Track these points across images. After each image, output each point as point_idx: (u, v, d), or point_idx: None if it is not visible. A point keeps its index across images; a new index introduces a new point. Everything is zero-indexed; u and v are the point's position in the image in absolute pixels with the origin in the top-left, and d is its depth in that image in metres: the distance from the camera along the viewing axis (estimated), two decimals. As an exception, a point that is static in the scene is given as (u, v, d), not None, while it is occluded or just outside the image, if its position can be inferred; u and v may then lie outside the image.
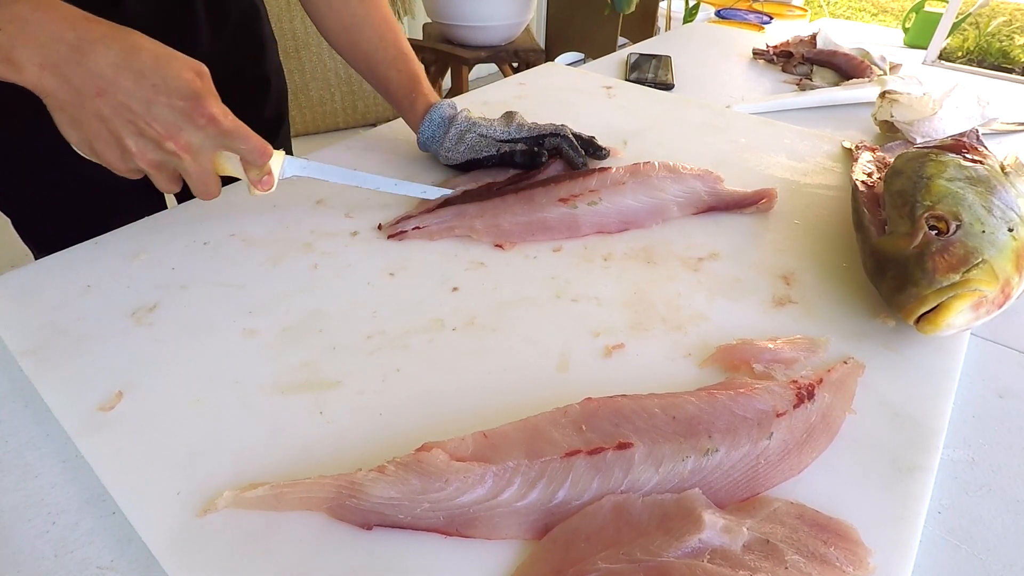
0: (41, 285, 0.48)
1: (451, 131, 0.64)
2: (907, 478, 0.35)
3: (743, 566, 0.29)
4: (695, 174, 0.61)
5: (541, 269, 0.52)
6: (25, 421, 0.39)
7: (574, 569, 0.29)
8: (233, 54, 0.70)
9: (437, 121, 0.64)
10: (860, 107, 0.89)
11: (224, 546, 0.31)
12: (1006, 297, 0.43)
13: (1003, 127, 0.84)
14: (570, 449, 0.33)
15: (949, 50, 2.77)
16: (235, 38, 0.70)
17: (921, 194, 0.49)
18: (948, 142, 0.59)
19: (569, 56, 2.57)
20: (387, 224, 0.56)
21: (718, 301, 0.49)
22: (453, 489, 0.32)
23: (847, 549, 0.31)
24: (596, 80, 0.93)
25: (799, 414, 0.36)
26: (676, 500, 0.32)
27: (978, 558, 0.34)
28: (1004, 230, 0.46)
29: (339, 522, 0.32)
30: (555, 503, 0.32)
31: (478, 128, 0.64)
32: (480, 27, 2.00)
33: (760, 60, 1.11)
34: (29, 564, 0.32)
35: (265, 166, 0.49)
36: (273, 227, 0.56)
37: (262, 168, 0.49)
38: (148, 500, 0.33)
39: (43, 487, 0.35)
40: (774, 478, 0.35)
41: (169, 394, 0.39)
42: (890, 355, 0.44)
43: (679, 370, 0.42)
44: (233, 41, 0.70)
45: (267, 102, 0.78)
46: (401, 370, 0.41)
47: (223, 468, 0.35)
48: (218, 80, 0.73)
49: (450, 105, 0.65)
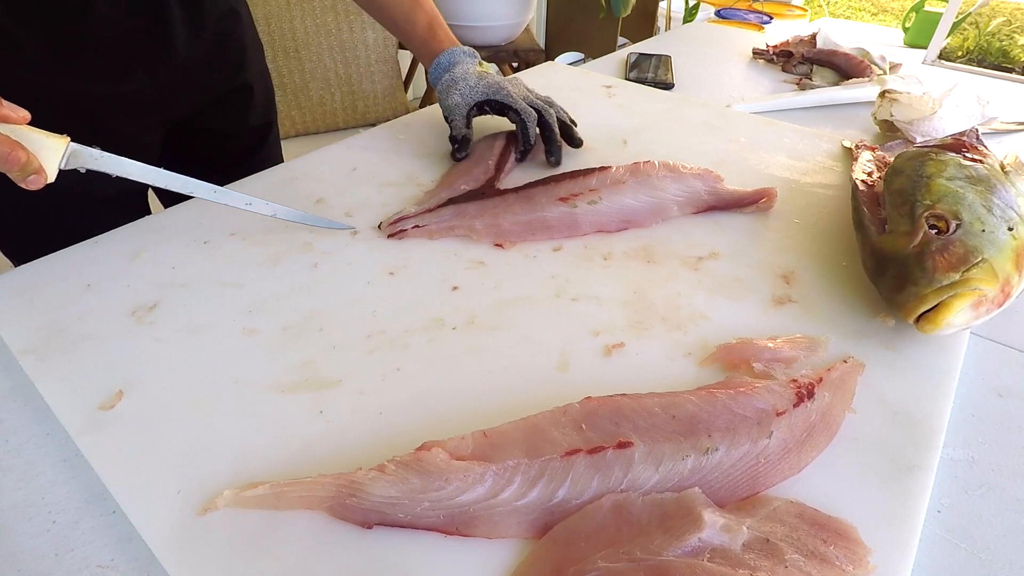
0: (41, 284, 0.48)
1: (444, 77, 0.67)
2: (907, 477, 0.35)
3: (743, 565, 0.29)
4: (695, 173, 0.61)
5: (541, 268, 0.52)
6: (25, 420, 0.39)
7: (574, 568, 0.29)
8: (212, 61, 0.69)
9: (444, 65, 0.68)
10: (860, 107, 0.89)
11: (224, 545, 0.31)
12: (1006, 296, 0.43)
13: (1003, 126, 0.84)
14: (570, 448, 0.33)
15: (949, 50, 2.77)
16: (214, 44, 0.68)
17: (921, 193, 0.49)
18: (948, 141, 0.59)
19: (569, 56, 2.56)
20: (387, 223, 0.56)
21: (718, 300, 0.49)
22: (453, 488, 0.32)
23: (847, 548, 0.31)
24: (596, 80, 0.93)
25: (799, 413, 0.36)
26: (676, 499, 0.32)
27: (977, 557, 0.34)
28: (1004, 229, 0.46)
29: (339, 521, 0.32)
30: (555, 502, 0.32)
31: (469, 80, 0.67)
32: (480, 27, 2.00)
33: (760, 60, 1.11)
34: (29, 563, 0.32)
35: (27, 167, 0.43)
36: (273, 226, 0.56)
37: (16, 171, 0.42)
38: (148, 499, 0.33)
39: (43, 486, 0.35)
40: (774, 477, 0.35)
41: (169, 393, 0.39)
42: (890, 354, 0.44)
43: (679, 369, 0.42)
44: (212, 47, 0.68)
45: (251, 110, 0.77)
46: (401, 369, 0.41)
47: (223, 467, 0.35)
48: (196, 88, 0.71)
49: (464, 52, 0.69)
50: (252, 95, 0.76)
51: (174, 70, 0.65)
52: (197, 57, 0.66)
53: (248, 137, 0.79)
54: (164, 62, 0.64)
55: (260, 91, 0.78)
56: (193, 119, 0.71)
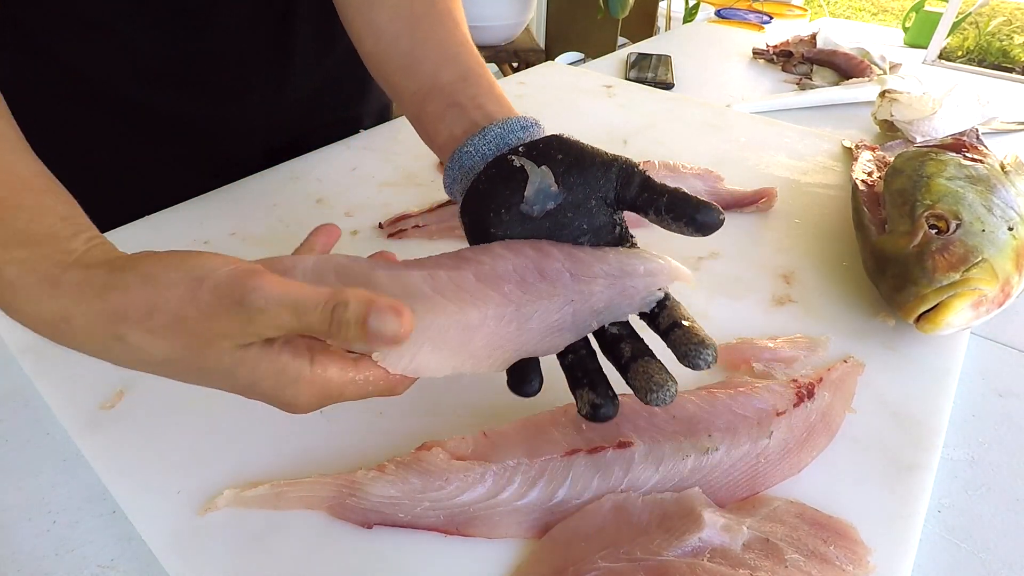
0: (41, 284, 0.48)
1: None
2: (907, 477, 0.35)
3: (743, 565, 0.29)
4: (695, 173, 0.61)
5: (541, 268, 0.52)
6: (26, 420, 0.39)
7: (574, 568, 0.29)
8: (331, 91, 0.64)
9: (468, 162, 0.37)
10: (860, 106, 0.89)
11: (224, 545, 0.31)
12: (1006, 296, 0.43)
13: (1003, 126, 0.84)
14: (570, 448, 0.33)
15: (949, 50, 2.77)
16: (337, 73, 0.63)
17: (921, 193, 0.49)
18: (948, 141, 0.59)
19: (569, 56, 2.56)
20: (387, 223, 0.56)
21: (718, 300, 0.49)
22: (453, 488, 0.32)
23: (847, 548, 0.31)
24: (596, 79, 0.93)
25: (799, 413, 0.36)
26: (676, 499, 0.32)
27: (978, 557, 0.34)
28: (1004, 229, 0.46)
29: (339, 521, 0.32)
30: (555, 502, 0.32)
31: None
32: (480, 27, 2.00)
33: (760, 60, 1.11)
34: (30, 563, 0.32)
35: None
36: (273, 226, 0.56)
37: None
38: (149, 499, 0.33)
39: (44, 486, 0.35)
40: (774, 477, 0.35)
41: (170, 393, 0.39)
42: (890, 354, 0.44)
43: (679, 369, 0.42)
44: (334, 76, 0.63)
45: None
46: (401, 369, 0.41)
47: (223, 467, 0.35)
48: (306, 117, 0.62)
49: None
50: (359, 128, 0.72)
51: (289, 95, 0.62)
52: (317, 84, 0.63)
53: None
54: (281, 85, 0.60)
55: (371, 124, 0.74)
56: (292, 146, 0.67)
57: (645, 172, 0.35)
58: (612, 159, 0.35)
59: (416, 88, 0.42)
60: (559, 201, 0.34)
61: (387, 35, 0.43)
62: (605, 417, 0.31)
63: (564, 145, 0.35)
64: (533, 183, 0.33)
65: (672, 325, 0.32)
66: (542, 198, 0.34)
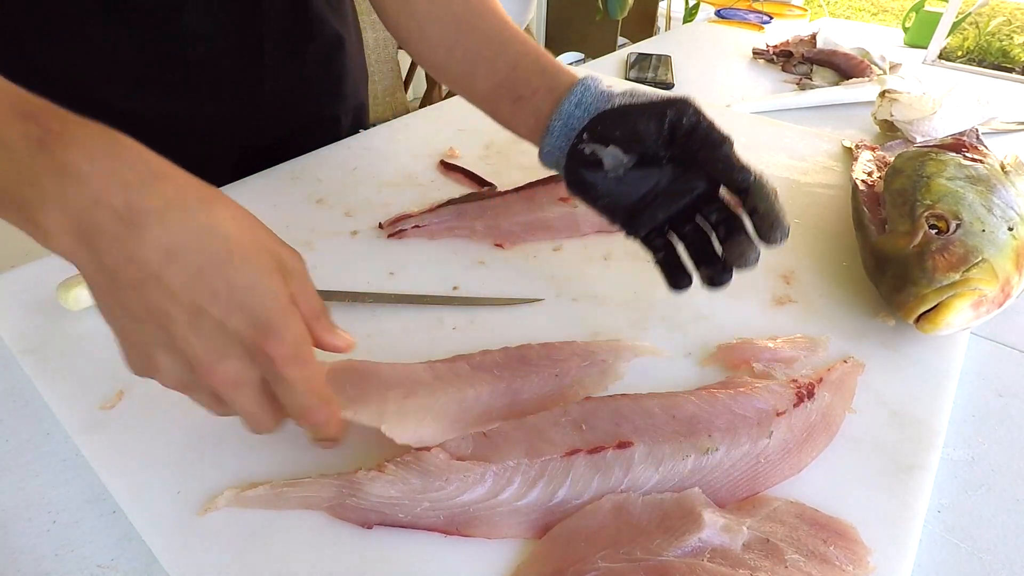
0: (42, 284, 0.48)
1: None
2: (907, 477, 0.35)
3: (743, 565, 0.29)
4: (695, 173, 0.61)
5: (541, 268, 0.52)
6: (26, 420, 0.39)
7: (574, 568, 0.29)
8: (305, 89, 0.65)
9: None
10: (860, 106, 0.89)
11: (224, 545, 0.31)
12: (1006, 296, 0.43)
13: (1003, 126, 0.84)
14: (570, 448, 0.33)
15: (949, 50, 2.77)
16: (311, 72, 0.64)
17: (921, 193, 0.49)
18: (948, 141, 0.59)
19: (569, 56, 2.56)
20: (387, 223, 0.56)
21: (718, 300, 0.49)
22: (453, 488, 0.32)
23: (847, 548, 0.31)
24: (596, 80, 0.93)
25: (799, 413, 0.36)
26: (676, 499, 0.32)
27: (978, 557, 0.34)
28: (1004, 229, 0.46)
29: (339, 521, 0.32)
30: (555, 502, 0.32)
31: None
32: (480, 27, 1.99)
33: (760, 60, 1.11)
34: (29, 563, 0.32)
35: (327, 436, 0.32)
36: (273, 226, 0.55)
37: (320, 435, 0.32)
38: (148, 499, 0.33)
39: (43, 486, 0.35)
40: (774, 477, 0.35)
41: (170, 393, 0.39)
42: (890, 354, 0.44)
43: (679, 369, 0.42)
44: (308, 74, 0.64)
45: (334, 142, 0.70)
46: (401, 369, 0.41)
47: (223, 467, 0.35)
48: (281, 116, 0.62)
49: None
50: (339, 127, 0.72)
51: (263, 94, 0.62)
52: (290, 84, 0.63)
53: None
54: (254, 85, 0.60)
55: (348, 124, 0.73)
56: (271, 147, 0.67)
57: (695, 119, 0.42)
58: (663, 111, 0.41)
59: (482, 92, 0.50)
60: (635, 160, 0.42)
61: (431, 39, 0.51)
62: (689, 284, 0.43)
63: (617, 119, 0.42)
64: (607, 160, 0.42)
65: (752, 210, 0.39)
66: (619, 165, 0.42)
